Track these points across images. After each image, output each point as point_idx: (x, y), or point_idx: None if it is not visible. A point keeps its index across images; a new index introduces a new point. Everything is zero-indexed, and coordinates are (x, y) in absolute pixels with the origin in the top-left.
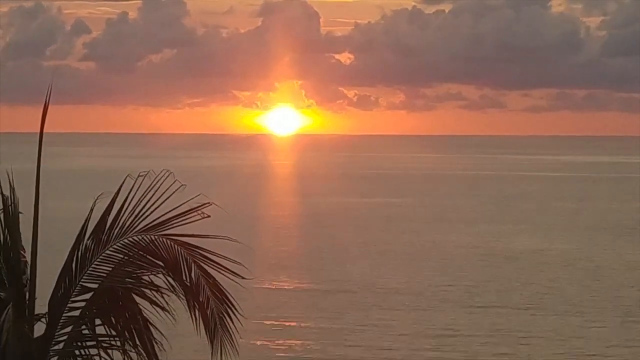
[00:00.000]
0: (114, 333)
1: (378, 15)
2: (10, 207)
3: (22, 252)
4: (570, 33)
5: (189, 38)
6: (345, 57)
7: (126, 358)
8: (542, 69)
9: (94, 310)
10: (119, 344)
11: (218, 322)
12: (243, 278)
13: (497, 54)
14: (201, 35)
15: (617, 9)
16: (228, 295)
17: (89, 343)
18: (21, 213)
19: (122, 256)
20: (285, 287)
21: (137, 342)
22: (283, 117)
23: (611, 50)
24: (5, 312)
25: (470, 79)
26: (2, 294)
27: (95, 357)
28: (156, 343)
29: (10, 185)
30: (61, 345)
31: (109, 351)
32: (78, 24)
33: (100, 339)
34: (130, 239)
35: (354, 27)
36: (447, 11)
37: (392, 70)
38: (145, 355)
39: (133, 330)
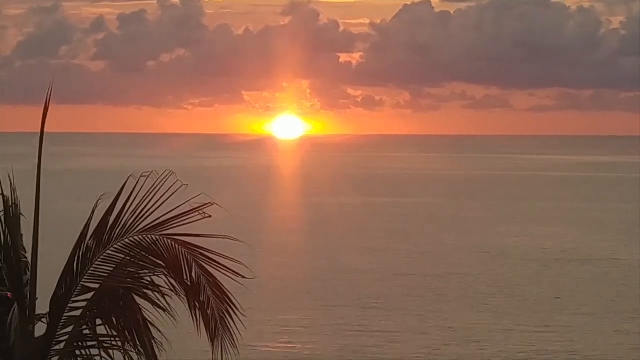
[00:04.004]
0: (114, 333)
1: (393, 15)
2: (11, 208)
3: (23, 252)
4: (589, 33)
5: (202, 38)
6: (357, 57)
7: (127, 358)
8: (557, 68)
9: (95, 311)
10: (119, 344)
11: (219, 322)
12: (244, 277)
13: (512, 53)
14: (214, 35)
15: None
16: (229, 295)
17: (89, 343)
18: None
19: (123, 256)
20: (287, 286)
21: (138, 343)
22: (287, 120)
23: (626, 50)
24: (12, 312)
25: (484, 78)
26: (6, 293)
27: (96, 357)
28: (156, 343)
29: (11, 185)
30: (62, 345)
31: (110, 351)
32: (92, 23)
33: (101, 339)
34: (131, 239)
35: (367, 27)
36: (464, 10)
37: (403, 69)
38: (145, 355)
39: (134, 331)
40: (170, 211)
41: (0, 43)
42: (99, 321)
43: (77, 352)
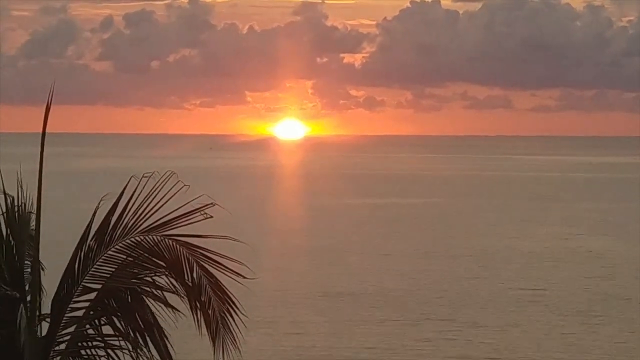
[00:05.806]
0: (117, 333)
1: (397, 16)
2: (14, 208)
3: (27, 253)
4: (594, 33)
5: (208, 39)
6: (360, 57)
7: (134, 358)
8: (560, 69)
9: (99, 309)
10: (123, 343)
11: (220, 322)
12: (245, 278)
13: (515, 53)
14: (221, 36)
15: None
16: (230, 295)
17: (93, 343)
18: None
19: (124, 257)
20: (288, 286)
21: (141, 342)
22: (289, 121)
23: (630, 50)
24: (19, 311)
25: (486, 78)
26: (15, 293)
27: (98, 357)
28: (170, 343)
29: (19, 186)
30: (64, 345)
31: (114, 351)
32: (99, 24)
33: (106, 339)
34: (132, 239)
35: (372, 27)
36: (470, 10)
37: (407, 70)
38: (158, 355)
39: (138, 331)
40: (172, 212)
41: (6, 43)
42: (103, 321)
43: (83, 352)
